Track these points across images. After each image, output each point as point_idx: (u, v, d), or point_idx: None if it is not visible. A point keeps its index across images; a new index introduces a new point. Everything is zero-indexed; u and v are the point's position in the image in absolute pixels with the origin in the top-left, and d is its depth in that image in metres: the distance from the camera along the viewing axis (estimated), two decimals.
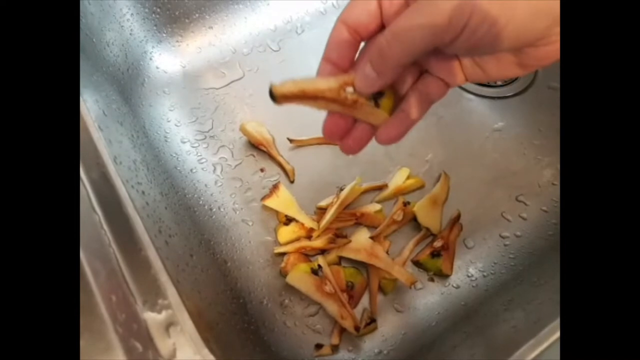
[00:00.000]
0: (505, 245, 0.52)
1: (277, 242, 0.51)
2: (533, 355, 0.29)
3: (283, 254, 0.50)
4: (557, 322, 0.30)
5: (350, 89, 0.30)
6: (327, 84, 0.30)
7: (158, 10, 0.59)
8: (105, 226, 0.30)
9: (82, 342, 0.26)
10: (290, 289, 0.48)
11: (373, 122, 0.32)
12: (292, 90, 0.30)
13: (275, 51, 0.64)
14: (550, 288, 0.35)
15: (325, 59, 0.31)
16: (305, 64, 0.63)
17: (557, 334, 0.29)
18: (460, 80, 0.31)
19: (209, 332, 0.29)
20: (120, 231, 0.30)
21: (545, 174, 0.57)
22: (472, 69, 0.29)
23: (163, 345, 0.27)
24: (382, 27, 0.29)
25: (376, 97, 0.31)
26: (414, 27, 0.25)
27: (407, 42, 0.26)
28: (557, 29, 0.25)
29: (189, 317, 0.28)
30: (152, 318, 0.28)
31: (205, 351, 0.27)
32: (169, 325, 0.28)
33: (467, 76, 0.30)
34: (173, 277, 0.30)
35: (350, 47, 0.30)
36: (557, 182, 0.56)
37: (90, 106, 0.36)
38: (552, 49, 0.26)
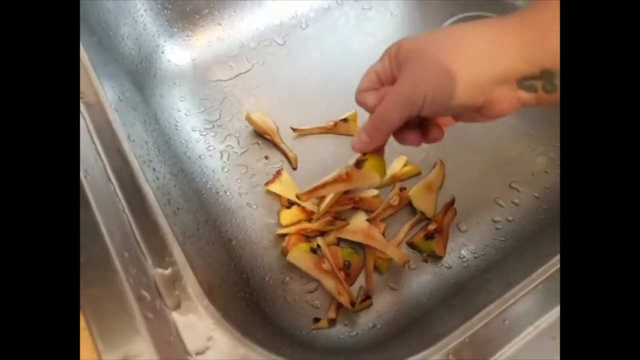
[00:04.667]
0: (497, 229, 0.55)
1: (279, 225, 0.54)
2: (497, 311, 0.32)
3: (285, 236, 0.53)
4: (524, 283, 0.33)
5: (343, 172, 0.43)
6: (332, 176, 0.45)
7: (170, 6, 0.63)
8: (119, 194, 0.34)
9: (97, 291, 0.30)
10: (291, 268, 0.51)
11: (370, 184, 0.44)
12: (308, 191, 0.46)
13: (280, 45, 0.67)
14: (529, 260, 0.37)
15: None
16: (309, 58, 0.66)
17: (523, 292, 0.33)
18: (450, 122, 0.41)
19: (210, 290, 0.33)
20: (132, 199, 0.34)
21: (538, 162, 0.59)
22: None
23: (169, 296, 0.31)
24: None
25: (359, 165, 0.42)
26: (392, 111, 0.35)
27: (388, 119, 0.36)
28: (498, 94, 0.32)
29: (193, 273, 0.31)
30: (160, 273, 0.31)
31: (207, 302, 0.30)
32: (174, 279, 0.31)
33: (455, 119, 0.40)
34: (180, 240, 0.33)
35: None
36: (550, 170, 0.59)
37: (107, 90, 0.40)
38: (503, 107, 0.33)
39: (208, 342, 0.30)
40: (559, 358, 0.30)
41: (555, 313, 0.32)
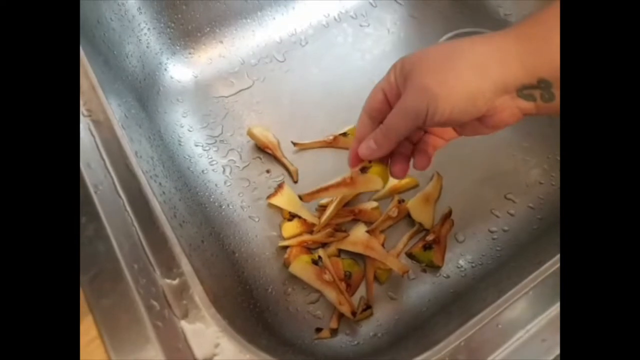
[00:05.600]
0: (493, 239, 0.56)
1: (281, 237, 0.55)
2: (491, 317, 0.34)
3: (286, 248, 0.54)
4: (516, 289, 0.35)
5: (347, 176, 0.46)
6: (336, 180, 0.48)
7: (172, 25, 0.65)
8: (128, 208, 0.35)
9: (109, 301, 0.31)
10: (293, 279, 0.53)
11: (373, 188, 0.46)
12: (311, 192, 0.50)
13: (280, 62, 0.69)
14: (524, 268, 0.38)
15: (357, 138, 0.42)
16: (308, 74, 0.68)
17: (515, 298, 0.34)
18: (452, 136, 0.43)
19: (216, 299, 0.34)
20: (140, 212, 0.35)
21: (532, 174, 0.61)
22: (459, 128, 0.40)
23: (177, 305, 0.32)
24: (390, 107, 0.39)
25: (364, 170, 0.44)
26: (399, 122, 0.37)
27: (396, 130, 0.37)
28: (500, 102, 0.33)
29: (200, 283, 0.33)
30: (168, 283, 0.33)
31: (213, 310, 0.32)
32: (182, 289, 0.33)
33: (458, 133, 0.41)
34: (186, 252, 0.34)
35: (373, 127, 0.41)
36: (544, 181, 0.60)
37: (115, 109, 0.42)
38: (505, 116, 0.34)
39: (215, 348, 0.31)
40: None
41: (545, 317, 0.33)
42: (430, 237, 0.55)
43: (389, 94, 0.39)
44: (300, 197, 0.52)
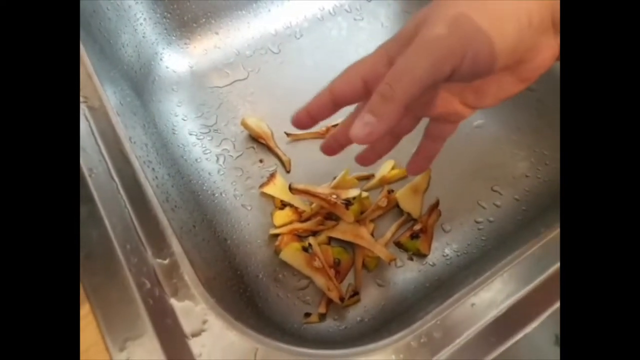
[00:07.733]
0: (479, 229, 0.57)
1: (273, 225, 0.57)
2: (466, 297, 0.35)
3: (278, 235, 0.56)
4: (492, 272, 0.37)
5: (334, 196, 0.53)
6: (323, 190, 0.54)
7: (168, 15, 0.65)
8: (121, 191, 0.37)
9: (101, 279, 0.33)
10: (284, 266, 0.54)
11: (345, 219, 0.54)
12: (301, 188, 0.54)
13: (275, 53, 0.70)
14: (506, 257, 0.40)
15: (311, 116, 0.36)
16: (302, 66, 0.69)
17: (490, 280, 0.36)
18: (467, 114, 0.35)
19: (206, 280, 0.35)
20: (133, 195, 0.37)
21: (520, 167, 0.62)
22: (475, 99, 0.33)
23: (167, 284, 0.33)
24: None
25: (347, 204, 0.52)
26: (419, 62, 0.26)
27: (412, 77, 0.26)
28: (541, 40, 0.28)
29: (190, 264, 0.34)
30: (159, 263, 0.34)
31: (202, 289, 0.33)
32: (172, 269, 0.34)
33: (472, 107, 0.34)
34: (177, 234, 0.36)
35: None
36: (530, 174, 0.61)
37: (110, 96, 0.43)
38: (545, 57, 0.29)
39: (203, 325, 0.32)
40: (519, 337, 0.33)
41: (518, 297, 0.35)
42: (417, 227, 0.56)
43: (372, 82, 0.31)
44: (290, 187, 0.54)
